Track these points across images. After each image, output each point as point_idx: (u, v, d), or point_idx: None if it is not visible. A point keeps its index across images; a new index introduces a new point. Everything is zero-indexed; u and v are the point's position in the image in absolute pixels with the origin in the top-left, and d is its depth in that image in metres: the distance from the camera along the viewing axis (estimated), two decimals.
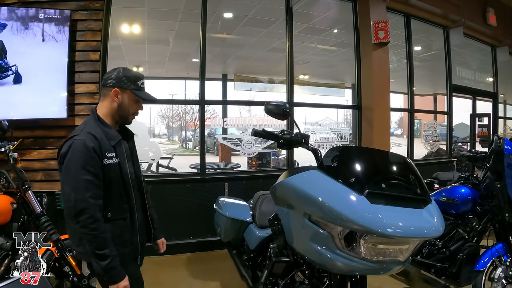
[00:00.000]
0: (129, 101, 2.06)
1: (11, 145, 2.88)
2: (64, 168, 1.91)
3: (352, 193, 1.61)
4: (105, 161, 1.93)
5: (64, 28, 4.05)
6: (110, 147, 1.98)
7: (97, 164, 1.90)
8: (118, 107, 2.05)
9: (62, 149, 1.95)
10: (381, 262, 1.66)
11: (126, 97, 2.04)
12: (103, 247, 1.84)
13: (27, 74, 3.94)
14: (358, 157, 1.86)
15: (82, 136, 1.92)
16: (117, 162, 2.00)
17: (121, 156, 2.03)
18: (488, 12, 7.77)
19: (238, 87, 6.51)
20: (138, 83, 2.06)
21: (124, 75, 2.03)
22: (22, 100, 3.94)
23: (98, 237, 1.83)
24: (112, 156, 1.97)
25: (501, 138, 3.00)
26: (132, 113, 2.11)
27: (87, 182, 1.84)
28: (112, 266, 1.86)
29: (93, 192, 1.85)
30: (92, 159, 1.87)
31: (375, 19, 5.66)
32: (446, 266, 3.27)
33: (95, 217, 1.82)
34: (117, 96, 2.03)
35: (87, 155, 1.86)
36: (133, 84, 2.03)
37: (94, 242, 1.83)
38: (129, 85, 2.02)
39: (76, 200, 1.82)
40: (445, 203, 3.38)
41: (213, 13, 5.77)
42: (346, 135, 6.04)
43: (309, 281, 2.16)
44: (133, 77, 2.04)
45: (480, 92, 8.60)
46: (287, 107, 2.08)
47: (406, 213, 1.60)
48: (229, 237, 3.27)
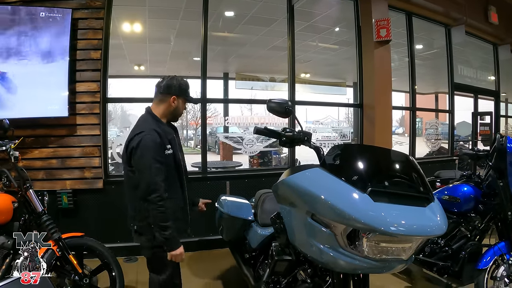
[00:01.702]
0: (182, 105, 2.62)
1: (12, 144, 2.87)
2: (138, 158, 2.33)
3: (355, 191, 1.59)
4: (166, 152, 2.42)
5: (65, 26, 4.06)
6: (167, 141, 2.46)
7: (162, 155, 2.38)
8: (174, 110, 2.58)
9: (132, 143, 2.36)
10: (384, 261, 1.65)
11: (180, 102, 2.59)
12: (167, 219, 2.28)
13: (27, 74, 3.95)
14: (360, 155, 1.85)
15: (149, 133, 2.37)
16: (172, 153, 2.48)
17: (175, 147, 2.52)
18: (490, 10, 7.74)
19: (239, 86, 6.49)
20: (189, 91, 2.64)
21: (179, 85, 2.56)
22: (22, 99, 3.94)
23: (164, 212, 2.26)
24: (169, 148, 2.46)
25: (503, 136, 2.97)
26: (181, 114, 2.67)
27: (158, 169, 2.29)
28: (172, 236, 2.30)
29: (162, 177, 2.30)
30: (159, 150, 2.35)
31: (377, 17, 5.64)
32: (448, 264, 3.26)
33: (162, 196, 2.27)
34: (174, 102, 2.55)
35: (155, 148, 2.33)
36: (186, 93, 2.60)
37: (159, 216, 2.26)
38: (183, 94, 2.58)
39: (150, 183, 2.26)
40: (447, 202, 3.37)
41: (214, 12, 5.75)
42: (347, 134, 6.03)
43: (311, 280, 2.15)
44: (185, 87, 2.60)
45: (481, 90, 8.57)
46: (289, 104, 2.08)
47: (409, 211, 1.59)
48: (230, 236, 3.28)
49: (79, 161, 4.30)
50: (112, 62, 4.60)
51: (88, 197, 4.33)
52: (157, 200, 2.25)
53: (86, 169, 4.31)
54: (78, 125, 4.29)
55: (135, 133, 2.39)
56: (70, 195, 4.22)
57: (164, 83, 2.56)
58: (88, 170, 4.31)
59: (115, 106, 15.44)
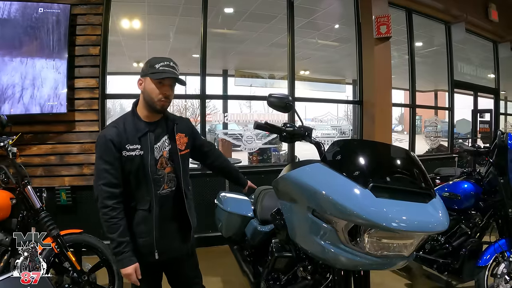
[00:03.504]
0: (151, 86, 2.03)
1: (10, 140, 2.86)
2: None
3: (356, 187, 1.58)
4: (124, 153, 2.00)
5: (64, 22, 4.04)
6: (135, 139, 2.03)
7: (115, 155, 1.98)
8: (143, 96, 2.07)
9: None
10: (386, 257, 1.63)
11: (147, 83, 2.04)
12: (112, 232, 1.94)
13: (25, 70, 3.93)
14: (362, 151, 1.83)
15: (106, 129, 2.08)
16: (140, 154, 2.03)
17: (145, 147, 2.05)
18: (490, 7, 7.78)
19: (238, 83, 6.49)
20: (156, 66, 2.02)
21: (146, 63, 2.06)
22: (20, 95, 3.92)
23: (107, 222, 1.94)
24: (135, 148, 2.02)
25: (504, 133, 2.98)
26: (157, 99, 2.04)
27: (103, 171, 1.96)
28: (119, 251, 1.94)
29: (107, 180, 1.95)
30: (109, 150, 1.97)
31: (377, 13, 5.64)
32: (448, 262, 3.26)
33: (104, 204, 1.94)
34: (140, 85, 2.08)
35: (105, 147, 1.97)
36: (151, 68, 2.02)
37: (104, 226, 1.95)
38: (147, 71, 2.03)
39: (94, 188, 2.00)
40: (447, 199, 3.37)
41: (213, 8, 5.74)
42: (347, 131, 6.03)
43: (311, 276, 2.13)
44: (153, 62, 2.03)
45: (481, 88, 8.60)
46: (290, 99, 2.05)
47: (411, 207, 1.57)
48: (230, 233, 3.26)
49: (78, 157, 4.29)
50: (111, 58, 4.59)
51: (86, 194, 4.31)
52: (100, 206, 1.96)
53: (85, 165, 4.30)
54: (77, 121, 4.28)
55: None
56: (69, 192, 4.21)
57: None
58: (87, 167, 4.29)
59: (114, 102, 15.38)
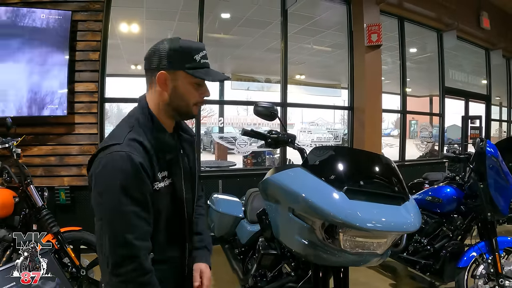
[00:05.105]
0: (185, 86, 1.35)
1: (14, 141, 2.96)
2: (97, 195, 1.24)
3: (332, 190, 1.73)
4: (157, 185, 1.32)
5: (65, 28, 4.16)
6: (164, 163, 1.37)
7: (146, 189, 1.27)
8: (171, 97, 1.36)
9: (93, 166, 1.28)
10: (360, 254, 1.78)
11: (180, 81, 1.34)
12: None
13: (27, 74, 4.05)
14: (339, 156, 1.99)
15: (125, 145, 1.25)
16: (171, 184, 1.40)
17: (175, 174, 1.42)
18: (482, 15, 7.87)
19: (235, 86, 6.59)
20: (196, 57, 1.33)
21: (175, 50, 1.32)
22: (23, 98, 4.05)
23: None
24: (164, 177, 1.37)
25: (483, 140, 3.06)
26: (194, 102, 1.40)
27: (132, 217, 1.21)
28: None
29: (142, 231, 1.24)
30: (138, 183, 1.24)
31: (369, 22, 5.77)
32: (430, 263, 3.34)
33: (144, 268, 1.23)
34: (166, 82, 1.34)
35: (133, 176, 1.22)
36: (188, 59, 1.32)
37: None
38: (181, 62, 1.32)
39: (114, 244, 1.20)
40: (430, 202, 3.47)
41: (210, 14, 5.85)
42: (340, 135, 6.16)
43: (295, 272, 2.28)
44: (187, 49, 1.33)
45: (472, 94, 8.72)
46: (274, 108, 2.20)
47: (383, 209, 1.72)
48: (221, 232, 3.36)
49: (77, 158, 4.39)
50: (109, 61, 4.68)
51: (85, 194, 4.38)
52: (136, 275, 1.21)
53: (84, 166, 4.38)
54: (76, 124, 4.38)
55: (102, 147, 1.30)
56: (68, 192, 4.31)
57: (147, 52, 1.38)
58: (85, 168, 4.35)
59: (111, 104, 15.41)
